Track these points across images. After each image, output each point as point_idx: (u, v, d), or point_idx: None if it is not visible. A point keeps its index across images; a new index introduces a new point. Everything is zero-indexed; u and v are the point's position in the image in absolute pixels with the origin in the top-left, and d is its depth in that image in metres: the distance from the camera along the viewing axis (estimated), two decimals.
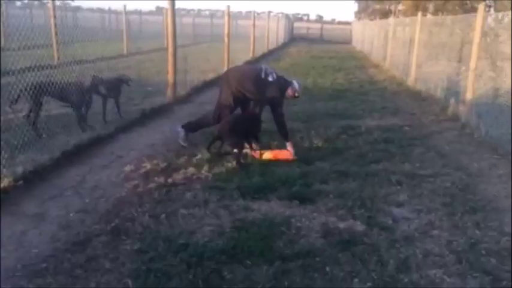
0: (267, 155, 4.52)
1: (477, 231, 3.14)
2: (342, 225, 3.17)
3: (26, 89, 4.60)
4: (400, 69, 12.05)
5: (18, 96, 4.60)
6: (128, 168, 4.17)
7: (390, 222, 3.25)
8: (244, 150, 4.50)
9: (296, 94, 4.83)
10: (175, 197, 3.55)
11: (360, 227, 3.15)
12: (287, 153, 4.60)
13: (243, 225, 3.08)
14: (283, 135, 4.73)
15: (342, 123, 6.27)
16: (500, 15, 6.44)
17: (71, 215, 3.22)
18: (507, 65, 5.52)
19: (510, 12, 5.70)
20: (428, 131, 6.08)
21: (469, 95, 6.27)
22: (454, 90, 7.28)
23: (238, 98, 4.80)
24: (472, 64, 6.16)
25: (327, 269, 2.62)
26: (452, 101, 7.06)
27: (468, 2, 28.43)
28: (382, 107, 7.79)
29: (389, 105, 7.96)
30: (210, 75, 9.76)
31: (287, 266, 2.62)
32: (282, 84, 4.79)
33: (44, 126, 4.78)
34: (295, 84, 4.82)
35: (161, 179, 3.88)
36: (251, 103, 4.99)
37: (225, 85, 4.87)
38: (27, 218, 3.15)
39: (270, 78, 4.77)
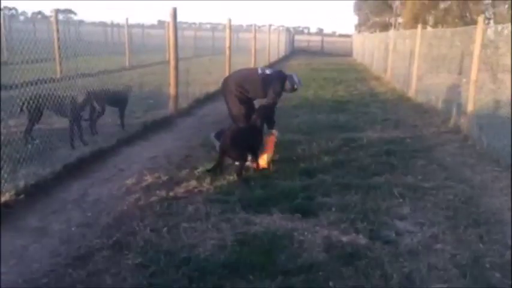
0: (264, 159, 4.53)
1: (481, 245, 3.12)
2: (344, 238, 3.15)
3: (27, 102, 4.64)
4: (400, 81, 12.09)
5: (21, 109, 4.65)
6: (129, 181, 4.17)
7: (393, 235, 3.24)
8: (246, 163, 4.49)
9: (295, 86, 4.92)
10: (177, 211, 3.54)
11: (362, 240, 3.13)
12: (272, 139, 4.72)
13: (245, 239, 3.07)
14: (270, 124, 4.84)
15: (344, 135, 6.27)
16: (499, 27, 6.49)
17: (73, 229, 3.22)
18: (507, 77, 5.54)
19: (510, 24, 5.74)
20: (430, 143, 6.07)
21: (470, 107, 6.28)
22: (455, 102, 7.29)
23: (243, 101, 4.87)
24: (473, 76, 6.17)
25: (330, 283, 2.59)
26: (453, 113, 7.07)
27: (468, 14, 28.67)
28: (384, 119, 7.79)
29: (391, 118, 7.96)
30: (212, 88, 9.79)
31: (290, 280, 2.60)
32: (281, 76, 4.91)
33: (47, 140, 4.79)
34: (295, 77, 4.93)
35: (163, 193, 3.88)
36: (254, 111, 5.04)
37: (227, 93, 4.95)
38: (29, 232, 3.14)
39: (268, 72, 4.93)
